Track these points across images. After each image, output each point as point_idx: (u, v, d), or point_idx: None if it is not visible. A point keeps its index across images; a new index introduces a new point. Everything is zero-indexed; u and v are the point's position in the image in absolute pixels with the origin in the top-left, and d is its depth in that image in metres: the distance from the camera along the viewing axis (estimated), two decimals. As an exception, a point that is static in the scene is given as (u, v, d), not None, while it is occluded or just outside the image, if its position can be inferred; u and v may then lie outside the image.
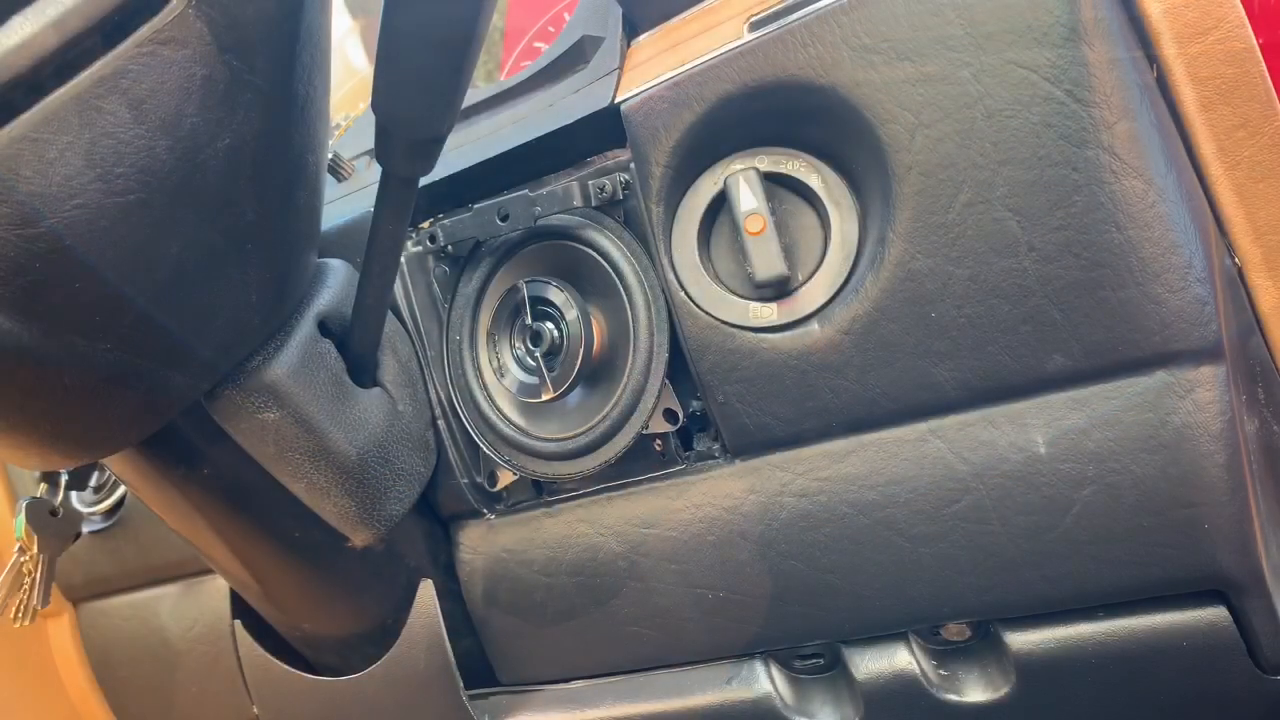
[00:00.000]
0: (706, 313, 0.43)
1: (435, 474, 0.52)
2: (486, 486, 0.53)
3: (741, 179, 0.41)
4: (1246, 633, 0.37)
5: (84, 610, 0.78)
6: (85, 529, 0.71)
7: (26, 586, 0.65)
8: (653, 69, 0.45)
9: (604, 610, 0.50)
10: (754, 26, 0.42)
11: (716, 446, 0.47)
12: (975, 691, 0.42)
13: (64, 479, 0.70)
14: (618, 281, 0.47)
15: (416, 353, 0.52)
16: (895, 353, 0.40)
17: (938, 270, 0.38)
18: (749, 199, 0.41)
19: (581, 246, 0.48)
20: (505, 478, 0.53)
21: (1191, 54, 0.37)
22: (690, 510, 0.46)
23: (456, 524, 0.55)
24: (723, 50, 0.42)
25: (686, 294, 0.44)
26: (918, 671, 0.43)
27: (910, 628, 0.43)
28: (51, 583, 0.67)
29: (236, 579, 0.53)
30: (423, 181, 0.41)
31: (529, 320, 0.48)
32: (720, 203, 0.43)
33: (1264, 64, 0.37)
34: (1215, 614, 0.37)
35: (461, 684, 0.51)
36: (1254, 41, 0.37)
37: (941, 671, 0.43)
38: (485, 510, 0.54)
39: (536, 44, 0.76)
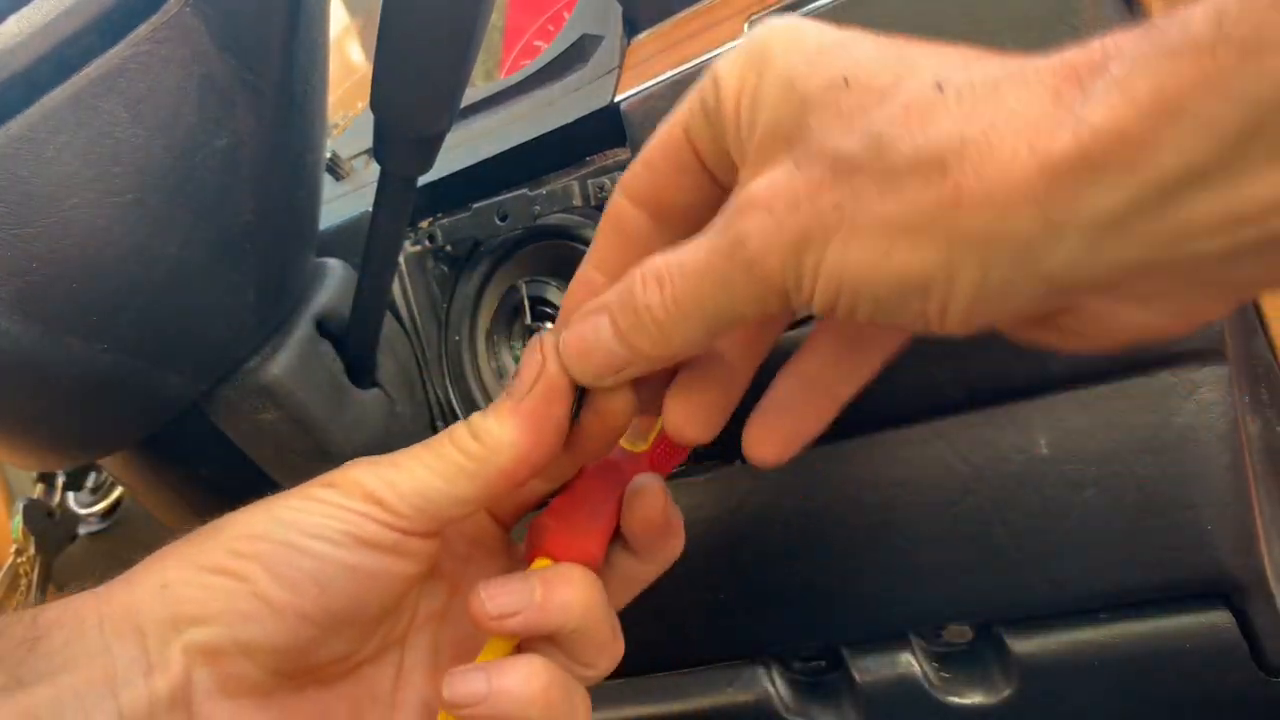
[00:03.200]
0: (707, 313, 0.43)
1: (434, 475, 0.52)
2: (486, 487, 0.53)
3: (742, 179, 0.41)
4: (1250, 635, 0.37)
5: (81, 611, 0.78)
6: (82, 530, 0.71)
7: (23, 588, 0.65)
8: (653, 68, 0.45)
9: (604, 612, 0.49)
10: (754, 25, 0.42)
11: (717, 447, 0.46)
12: (977, 694, 0.42)
13: (61, 480, 0.70)
14: (618, 281, 0.47)
15: (415, 353, 0.52)
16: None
17: (939, 270, 0.38)
18: (750, 199, 0.41)
19: (581, 246, 0.48)
20: (504, 478, 0.53)
21: (1195, 53, 0.37)
22: (690, 511, 0.46)
23: (455, 525, 0.55)
24: (723, 49, 0.42)
25: (687, 294, 0.43)
26: (919, 674, 0.43)
27: (912, 630, 0.43)
28: (49, 584, 0.67)
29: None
30: (421, 181, 0.41)
31: (529, 320, 0.48)
32: (721, 202, 0.43)
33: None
34: (1218, 616, 0.37)
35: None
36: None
37: (943, 674, 0.43)
38: (484, 511, 0.53)
39: (536, 42, 0.76)
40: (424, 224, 0.52)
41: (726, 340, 0.32)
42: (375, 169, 0.41)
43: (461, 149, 0.51)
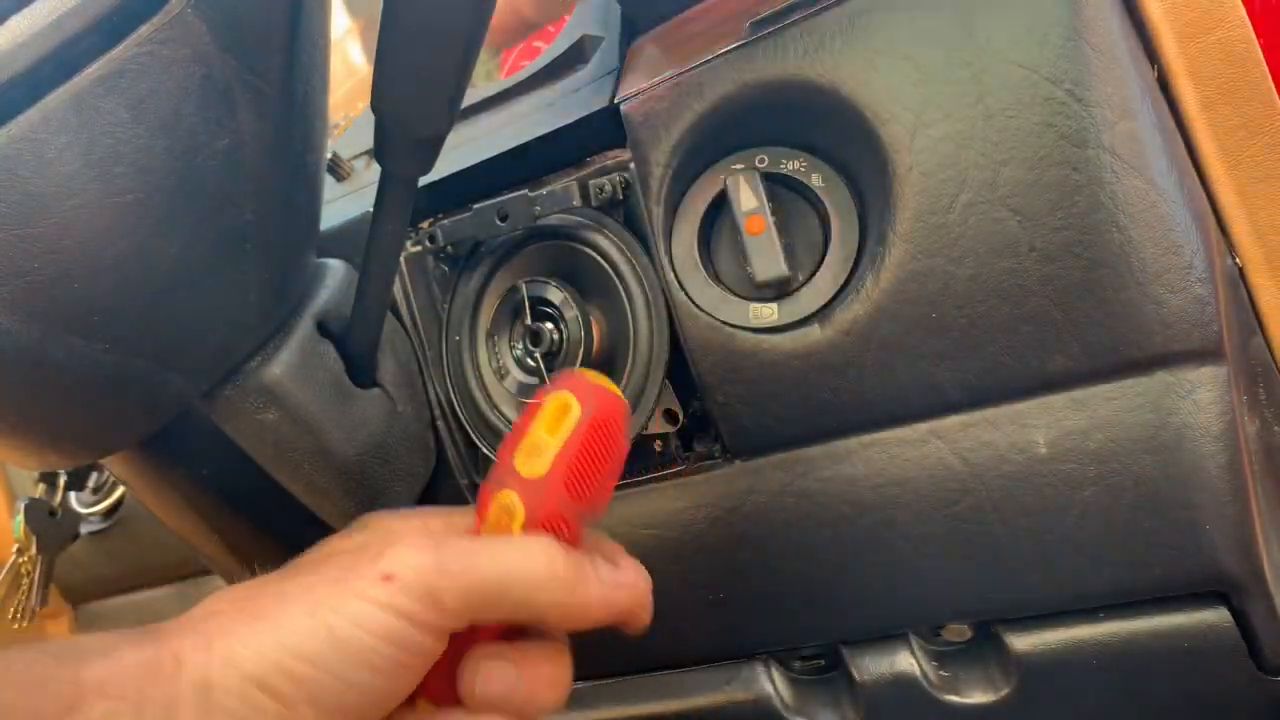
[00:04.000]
0: (707, 313, 0.43)
1: (434, 475, 0.52)
2: (486, 487, 0.53)
3: (742, 179, 0.41)
4: (1248, 634, 0.37)
5: (83, 611, 0.78)
6: (84, 530, 0.71)
7: (25, 587, 0.65)
8: (653, 69, 0.45)
9: (604, 611, 0.49)
10: (755, 26, 0.42)
11: (717, 447, 0.47)
12: (976, 693, 0.42)
13: (62, 480, 0.70)
14: (617, 282, 0.47)
15: (416, 353, 0.52)
16: (896, 353, 0.40)
17: (938, 271, 0.38)
18: (749, 199, 0.41)
19: (581, 247, 0.48)
20: (505, 478, 0.53)
21: (1193, 53, 0.37)
22: (690, 511, 0.46)
23: (456, 525, 0.55)
24: (723, 50, 0.42)
25: (686, 294, 0.44)
26: (918, 673, 0.43)
27: (911, 629, 0.43)
28: (50, 583, 0.67)
29: (236, 580, 0.53)
30: (422, 181, 0.41)
31: (529, 320, 0.48)
32: (720, 203, 0.43)
33: (1265, 64, 0.37)
34: (1216, 615, 0.37)
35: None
36: (1255, 41, 0.37)
37: (942, 672, 0.43)
38: (485, 511, 0.53)
39: (536, 43, 0.76)
40: (424, 224, 0.52)
41: None
42: (376, 170, 0.41)
43: (462, 149, 0.51)
